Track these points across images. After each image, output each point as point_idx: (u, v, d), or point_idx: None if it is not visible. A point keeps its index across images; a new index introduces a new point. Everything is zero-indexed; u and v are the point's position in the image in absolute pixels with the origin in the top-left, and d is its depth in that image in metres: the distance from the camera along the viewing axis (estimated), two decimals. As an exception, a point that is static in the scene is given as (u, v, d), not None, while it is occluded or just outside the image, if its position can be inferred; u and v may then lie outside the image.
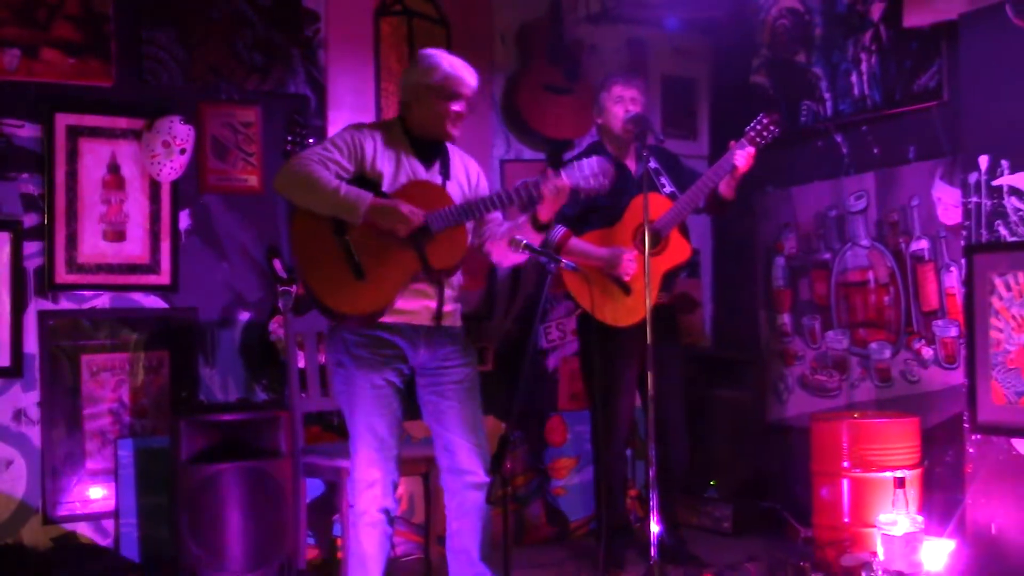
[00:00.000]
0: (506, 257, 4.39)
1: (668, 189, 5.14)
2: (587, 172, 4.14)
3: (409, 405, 4.29)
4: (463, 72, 4.19)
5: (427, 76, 4.18)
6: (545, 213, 4.16)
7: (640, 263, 4.89)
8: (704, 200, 5.16)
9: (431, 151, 4.27)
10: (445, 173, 4.28)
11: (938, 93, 5.29)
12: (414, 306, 4.15)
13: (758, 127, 4.95)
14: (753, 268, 6.48)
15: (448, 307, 4.23)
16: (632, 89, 5.16)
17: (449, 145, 4.37)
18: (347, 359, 4.15)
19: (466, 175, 4.38)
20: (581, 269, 4.63)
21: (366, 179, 4.13)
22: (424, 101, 4.18)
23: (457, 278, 4.28)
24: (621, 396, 5.19)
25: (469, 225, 4.25)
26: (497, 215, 4.36)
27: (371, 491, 4.14)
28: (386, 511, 4.18)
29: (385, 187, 4.13)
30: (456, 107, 4.17)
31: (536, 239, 4.22)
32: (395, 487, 4.24)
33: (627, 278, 5.00)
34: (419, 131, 4.23)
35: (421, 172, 4.22)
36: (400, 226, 4.01)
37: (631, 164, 5.22)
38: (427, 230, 4.08)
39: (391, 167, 4.18)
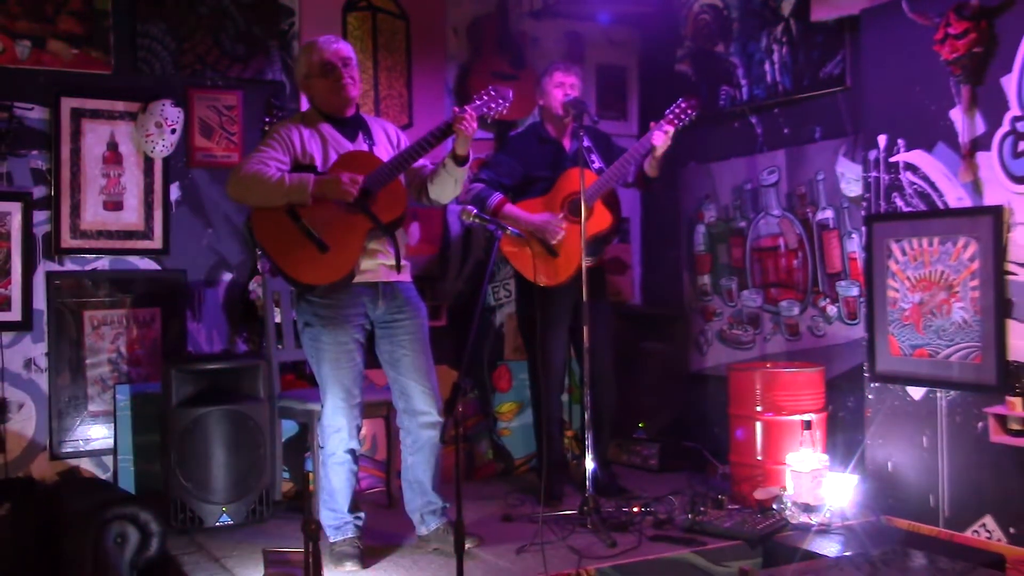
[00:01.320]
0: (443, 193, 4.53)
1: (597, 165, 5.29)
2: (486, 99, 4.43)
3: (370, 357, 4.49)
4: (324, 44, 4.40)
5: (302, 65, 4.46)
6: (461, 148, 4.34)
7: (567, 228, 5.17)
8: (630, 175, 5.34)
9: (350, 125, 4.46)
10: (370, 141, 4.46)
11: (842, 80, 5.47)
12: (372, 265, 4.36)
13: (676, 110, 5.16)
14: (677, 235, 6.65)
15: (403, 262, 4.43)
16: (571, 76, 5.36)
17: (365, 116, 4.56)
18: (314, 319, 4.35)
19: (387, 138, 4.53)
20: (524, 235, 4.94)
21: (301, 165, 4.32)
22: (314, 85, 4.43)
23: (412, 236, 4.49)
24: (554, 347, 5.38)
25: (403, 179, 4.41)
26: (424, 163, 4.50)
27: (338, 435, 4.39)
28: (351, 451, 4.42)
29: (319, 166, 4.33)
30: (335, 74, 4.35)
31: (461, 174, 4.42)
32: (359, 430, 4.47)
33: (554, 241, 5.19)
34: (328, 109, 4.44)
35: (347, 145, 4.40)
36: (345, 194, 4.21)
37: (567, 142, 5.41)
38: (367, 192, 4.26)
39: (319, 148, 4.37)
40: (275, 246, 4.32)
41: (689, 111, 5.17)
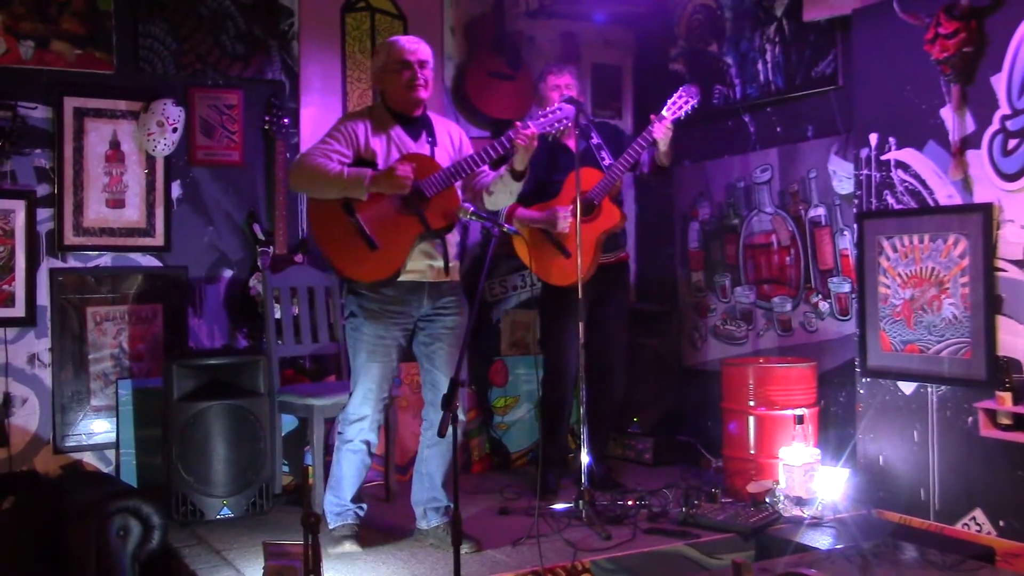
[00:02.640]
0: (499, 201, 4.57)
1: (608, 162, 5.26)
2: (550, 118, 4.44)
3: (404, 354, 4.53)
4: (405, 43, 4.44)
5: (380, 59, 4.47)
6: (519, 163, 4.38)
7: (573, 226, 5.06)
8: (645, 167, 5.34)
9: (416, 125, 4.48)
10: (432, 141, 4.48)
11: (834, 79, 5.48)
12: (420, 266, 4.39)
13: (677, 100, 5.16)
14: (671, 232, 6.66)
15: (452, 263, 4.47)
16: (565, 76, 5.38)
17: (432, 116, 4.57)
18: (358, 310, 4.40)
19: (450, 140, 4.56)
20: (522, 233, 4.95)
21: (363, 160, 4.35)
22: (387, 80, 4.45)
23: (454, 237, 4.48)
24: (570, 345, 5.30)
25: (458, 184, 4.45)
26: (483, 169, 4.54)
27: (359, 424, 4.42)
28: (368, 443, 4.46)
29: (380, 164, 4.35)
30: (409, 74, 4.37)
31: (517, 188, 4.44)
32: (379, 426, 4.50)
33: (564, 230, 5.17)
34: (397, 107, 4.46)
35: (410, 144, 4.42)
36: (399, 185, 4.24)
37: (570, 143, 5.39)
38: (422, 195, 4.30)
39: (383, 145, 4.40)
40: (326, 237, 4.36)
41: (689, 100, 5.19)
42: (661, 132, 5.12)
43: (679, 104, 5.18)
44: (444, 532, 4.46)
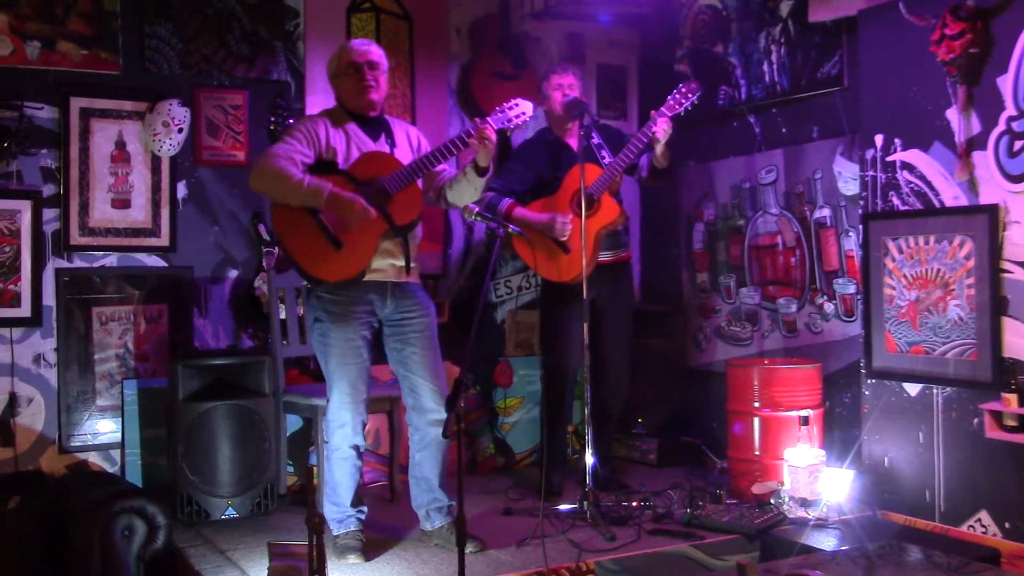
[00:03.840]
0: (461, 197, 4.56)
1: (607, 161, 5.25)
2: (509, 114, 4.46)
3: (376, 353, 4.52)
4: (355, 45, 4.49)
5: (332, 65, 4.53)
6: (482, 159, 4.41)
7: (574, 224, 5.14)
8: (643, 171, 5.36)
9: (374, 126, 4.51)
10: (391, 143, 4.51)
11: (839, 80, 5.49)
12: (383, 265, 4.39)
13: (677, 95, 5.12)
14: (676, 233, 6.67)
15: (412, 264, 4.47)
16: (568, 76, 5.39)
17: (389, 118, 4.60)
18: (323, 315, 4.38)
19: (408, 141, 4.58)
20: (525, 233, 4.89)
21: (324, 160, 4.37)
22: (340, 84, 4.50)
23: (418, 236, 4.49)
24: (571, 343, 5.30)
25: (420, 182, 4.44)
26: (444, 167, 4.57)
27: (343, 430, 4.42)
28: (356, 447, 4.45)
29: (340, 162, 4.38)
30: (358, 78, 4.42)
31: (480, 183, 4.47)
32: (364, 426, 4.49)
33: (563, 238, 5.18)
34: (351, 107, 4.49)
35: (369, 144, 4.45)
36: (356, 220, 4.27)
37: (573, 142, 5.39)
38: (385, 192, 4.31)
39: (343, 145, 4.42)
40: (291, 238, 4.35)
41: (690, 95, 5.15)
42: (662, 128, 5.10)
43: (679, 99, 5.16)
44: (448, 532, 4.47)
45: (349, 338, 4.39)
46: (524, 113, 4.49)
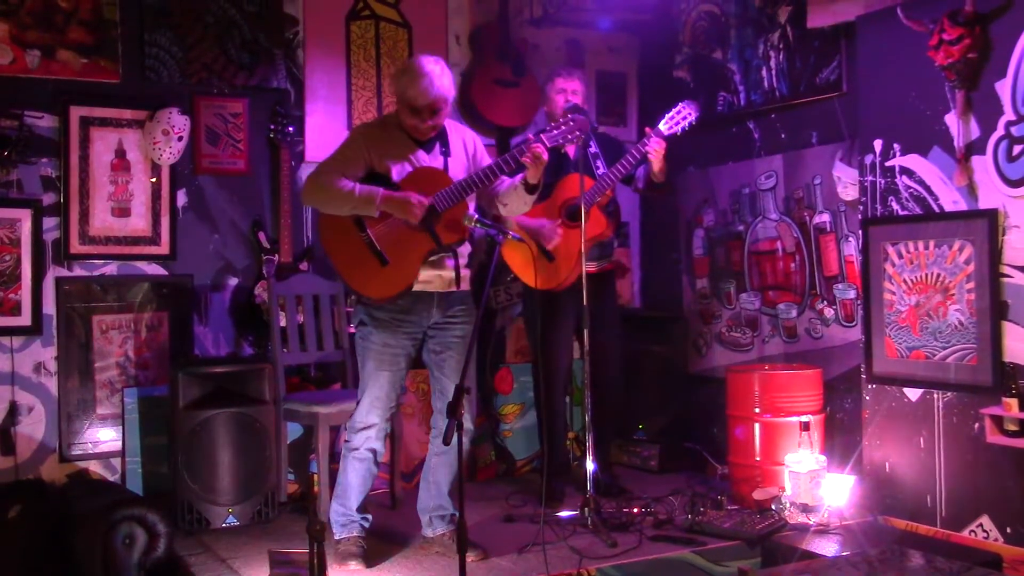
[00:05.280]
0: (513, 211, 4.58)
1: (602, 171, 5.26)
2: (563, 130, 4.41)
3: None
4: (426, 87, 4.24)
5: (399, 86, 4.34)
6: (532, 176, 4.36)
7: (563, 233, 5.17)
8: (640, 182, 5.38)
9: (428, 136, 4.43)
10: (446, 152, 4.45)
11: (838, 85, 5.49)
12: (431, 276, 4.39)
13: (675, 115, 5.14)
14: (676, 238, 6.66)
15: (462, 273, 4.47)
16: (573, 82, 5.40)
17: (447, 124, 4.49)
18: (367, 319, 4.41)
19: (463, 147, 4.52)
20: (525, 240, 4.89)
21: (376, 174, 4.35)
22: (401, 109, 4.37)
23: (465, 247, 4.47)
24: (559, 350, 5.42)
25: (471, 197, 4.40)
26: (498, 180, 4.48)
27: (366, 432, 4.42)
28: (374, 451, 4.46)
29: (394, 176, 4.34)
30: (417, 120, 4.31)
31: (531, 199, 4.43)
32: (386, 435, 4.52)
33: (549, 245, 5.18)
34: (407, 129, 4.40)
35: (423, 157, 4.39)
36: (411, 215, 4.24)
37: (571, 148, 5.33)
38: (434, 211, 4.28)
39: (396, 159, 4.37)
40: (338, 253, 4.38)
41: (688, 116, 5.17)
42: (654, 149, 5.12)
43: (676, 119, 5.16)
44: (450, 540, 4.47)
45: (388, 344, 4.41)
46: (580, 130, 4.44)
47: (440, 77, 4.30)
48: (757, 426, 5.22)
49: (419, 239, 4.32)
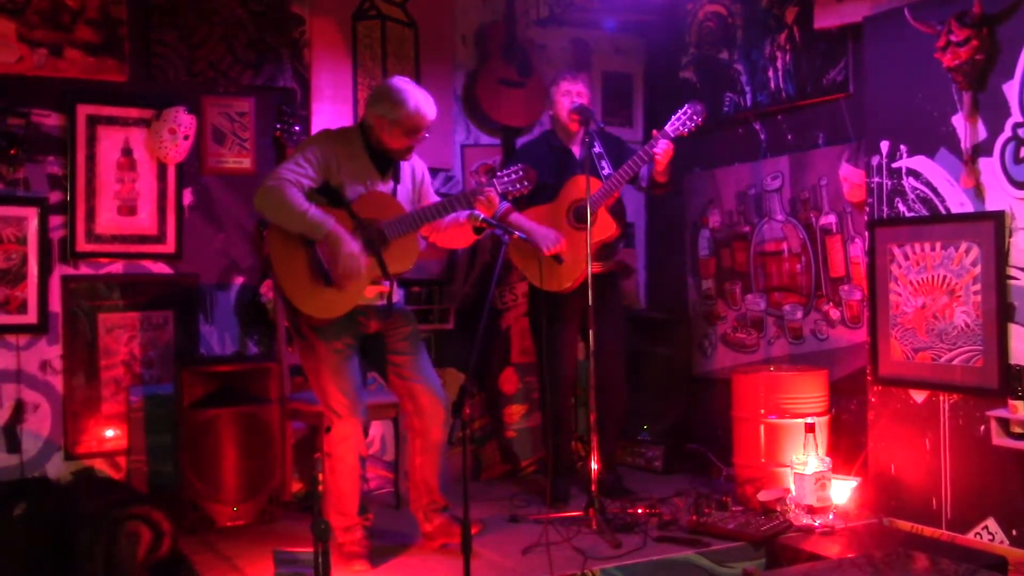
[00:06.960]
0: (450, 243, 4.71)
1: (607, 172, 5.27)
2: (512, 178, 4.51)
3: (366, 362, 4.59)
4: (426, 109, 4.38)
5: (394, 111, 4.36)
6: (483, 216, 4.47)
7: (565, 241, 5.18)
8: (642, 181, 5.40)
9: (385, 161, 4.50)
10: (396, 178, 4.53)
11: (844, 86, 5.48)
12: (370, 295, 4.43)
13: (683, 117, 5.15)
14: (682, 239, 6.66)
15: (396, 295, 4.53)
16: (578, 84, 5.40)
17: None
18: (307, 330, 4.41)
19: (411, 176, 4.62)
20: (529, 240, 5.00)
21: (330, 187, 4.37)
22: (387, 132, 4.38)
23: (421, 245, 4.51)
24: (564, 351, 5.43)
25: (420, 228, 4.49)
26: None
27: (346, 443, 4.43)
28: (360, 457, 4.48)
29: (346, 194, 4.38)
30: (413, 140, 4.41)
31: (472, 240, 4.58)
32: (366, 431, 4.54)
33: (548, 253, 5.16)
34: (381, 148, 4.46)
35: (377, 181, 4.46)
36: (342, 271, 4.27)
37: (576, 149, 5.42)
38: (384, 237, 4.35)
39: (350, 178, 4.40)
40: (283, 267, 4.38)
41: (695, 117, 5.18)
42: (662, 150, 5.13)
43: (683, 121, 5.17)
44: (448, 524, 4.55)
45: (337, 349, 4.41)
46: (527, 182, 4.55)
47: (433, 105, 4.46)
48: (762, 427, 5.22)
49: (366, 264, 4.35)
